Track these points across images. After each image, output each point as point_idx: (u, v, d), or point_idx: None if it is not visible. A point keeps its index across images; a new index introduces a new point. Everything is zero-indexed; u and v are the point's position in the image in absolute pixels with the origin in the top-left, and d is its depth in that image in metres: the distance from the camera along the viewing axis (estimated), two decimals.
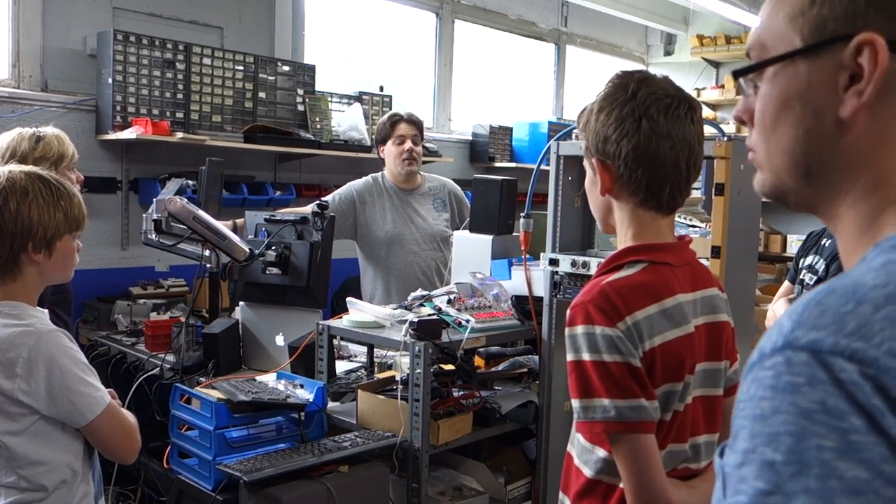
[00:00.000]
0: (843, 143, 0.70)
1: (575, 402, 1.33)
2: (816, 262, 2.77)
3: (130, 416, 1.83)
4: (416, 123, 3.59)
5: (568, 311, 1.36)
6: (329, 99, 4.62)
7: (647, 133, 1.35)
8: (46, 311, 1.80)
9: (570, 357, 1.33)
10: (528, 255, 2.64)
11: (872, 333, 0.55)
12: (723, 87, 6.96)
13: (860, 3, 0.67)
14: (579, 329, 1.32)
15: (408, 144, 3.51)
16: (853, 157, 0.71)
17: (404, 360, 2.58)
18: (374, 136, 3.70)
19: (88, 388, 1.70)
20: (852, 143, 0.70)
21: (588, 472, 1.39)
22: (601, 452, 1.36)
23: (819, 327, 0.57)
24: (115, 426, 1.75)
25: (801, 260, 2.89)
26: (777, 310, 2.86)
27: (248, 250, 2.83)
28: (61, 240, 1.74)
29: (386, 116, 3.65)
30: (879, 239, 0.66)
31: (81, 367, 1.71)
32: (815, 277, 2.74)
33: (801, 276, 2.85)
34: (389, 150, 3.54)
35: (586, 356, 1.30)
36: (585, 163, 1.47)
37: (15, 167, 1.78)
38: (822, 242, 2.81)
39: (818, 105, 0.70)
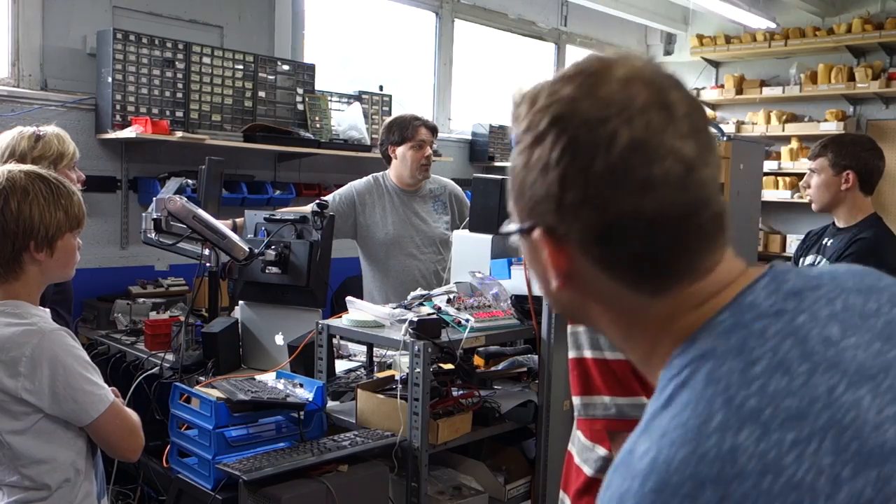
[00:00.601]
0: (574, 307, 0.80)
1: (576, 400, 1.33)
2: (818, 262, 2.76)
3: (133, 414, 1.84)
4: (434, 131, 3.56)
5: None
6: (329, 98, 4.61)
7: None
8: (48, 310, 1.80)
9: (571, 354, 1.33)
10: None
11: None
12: (722, 86, 6.97)
13: (527, 202, 0.75)
14: (581, 326, 1.32)
15: (427, 150, 3.49)
16: (592, 318, 0.79)
17: (404, 360, 2.58)
18: (384, 134, 3.57)
19: (92, 387, 1.70)
20: (581, 309, 0.79)
21: (588, 470, 1.39)
22: (601, 451, 1.36)
23: None
24: (118, 424, 1.76)
25: (801, 259, 2.89)
26: None
27: (247, 249, 2.83)
28: (62, 238, 1.74)
29: (407, 117, 3.56)
30: (664, 365, 0.74)
31: (85, 365, 1.71)
32: None
33: None
34: (405, 153, 3.47)
35: (588, 353, 1.30)
36: None
37: (14, 167, 1.79)
38: (824, 242, 2.80)
39: (542, 276, 0.79)
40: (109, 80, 3.68)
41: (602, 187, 0.70)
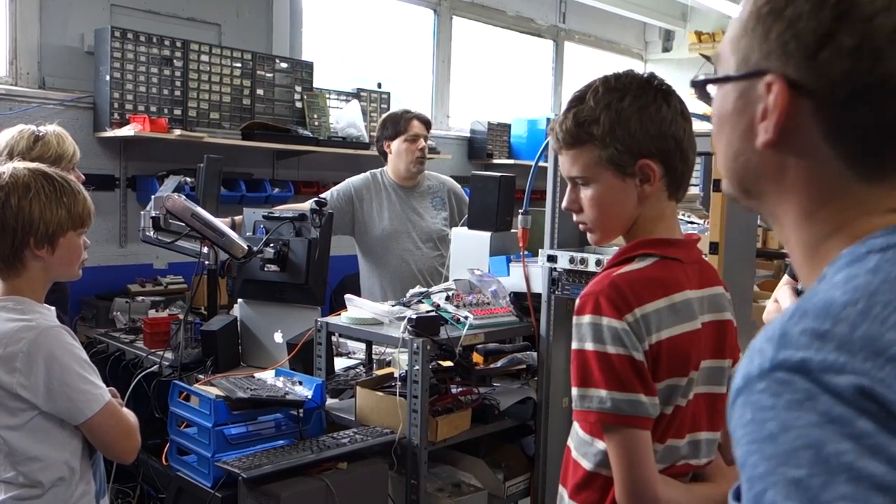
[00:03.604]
0: (764, 171, 0.73)
1: (574, 391, 1.33)
2: None
3: (131, 416, 1.83)
4: (427, 124, 3.58)
5: (577, 300, 1.36)
6: (327, 96, 4.61)
7: (690, 127, 1.39)
8: (53, 308, 1.80)
9: (574, 345, 1.34)
10: (526, 252, 2.64)
11: (855, 350, 0.56)
12: None
13: (773, 43, 0.69)
14: (586, 318, 1.32)
15: (421, 143, 3.51)
16: (777, 187, 0.73)
17: (403, 357, 2.58)
18: (378, 130, 3.62)
19: (88, 386, 1.70)
20: (773, 174, 0.72)
21: (587, 464, 1.40)
22: (600, 445, 1.36)
23: (802, 347, 0.58)
24: (114, 424, 1.75)
25: None
26: (780, 297, 2.84)
27: (246, 247, 2.83)
28: (65, 236, 1.74)
29: (399, 112, 3.59)
30: (831, 259, 0.67)
31: (82, 364, 1.71)
32: None
33: None
34: (399, 147, 3.50)
35: (589, 346, 1.31)
36: (599, 174, 1.38)
37: (20, 164, 1.80)
38: None
39: (742, 130, 0.73)
40: (107, 78, 3.68)
41: (880, 40, 0.64)
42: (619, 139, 1.35)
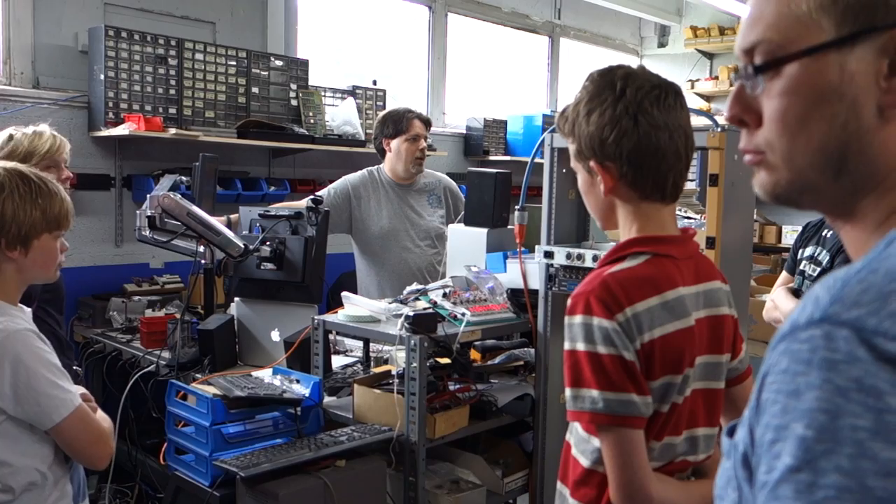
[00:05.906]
0: (881, 134, 0.68)
1: (567, 391, 1.33)
2: (819, 254, 2.75)
3: (104, 421, 1.80)
4: (428, 123, 3.58)
5: (569, 300, 1.36)
6: (322, 93, 4.60)
7: (646, 128, 1.35)
8: (29, 310, 1.78)
9: (566, 346, 1.34)
10: (523, 248, 2.64)
11: None
12: (717, 78, 6.96)
13: None
14: (577, 319, 1.32)
15: (422, 143, 3.50)
16: (889, 150, 0.68)
17: (400, 355, 2.58)
18: (378, 128, 3.58)
19: (56, 390, 1.66)
20: (891, 134, 0.68)
21: (585, 461, 1.40)
22: (597, 442, 1.36)
23: (861, 304, 0.56)
24: (83, 429, 1.71)
25: (801, 251, 2.88)
26: (776, 298, 2.85)
27: (242, 246, 2.82)
28: (39, 238, 1.71)
29: (401, 110, 3.56)
30: None
31: (50, 368, 1.67)
32: (819, 269, 2.72)
33: (801, 267, 2.84)
34: (399, 147, 3.48)
35: (581, 346, 1.31)
36: (576, 165, 1.45)
37: None
38: (824, 233, 2.79)
39: (856, 97, 0.67)
40: (102, 77, 3.67)
41: None
42: (576, 139, 1.41)
